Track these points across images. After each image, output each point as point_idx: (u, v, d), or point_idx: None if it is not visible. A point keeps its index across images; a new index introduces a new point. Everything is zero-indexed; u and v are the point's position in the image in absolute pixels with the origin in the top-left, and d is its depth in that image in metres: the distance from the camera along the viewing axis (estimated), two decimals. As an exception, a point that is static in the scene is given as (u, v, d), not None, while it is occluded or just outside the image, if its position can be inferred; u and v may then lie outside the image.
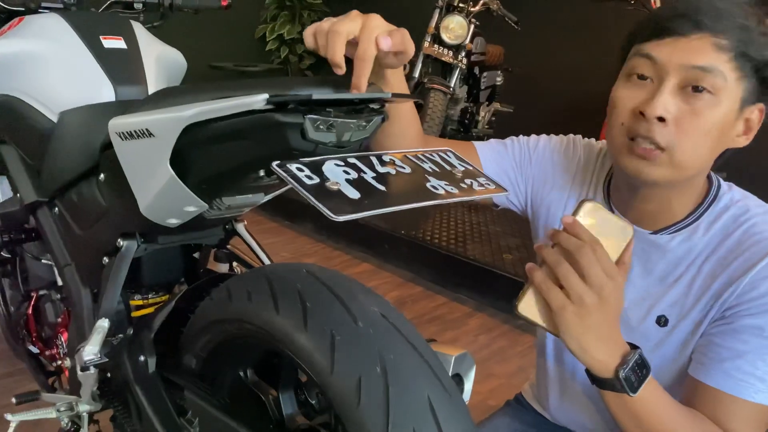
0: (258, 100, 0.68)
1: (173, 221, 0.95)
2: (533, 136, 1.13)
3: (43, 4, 1.33)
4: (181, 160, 0.82)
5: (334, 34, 0.71)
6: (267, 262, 1.19)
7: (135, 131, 0.81)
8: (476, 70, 3.96)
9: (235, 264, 1.20)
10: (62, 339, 1.23)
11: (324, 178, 0.64)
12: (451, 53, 3.52)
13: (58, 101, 1.14)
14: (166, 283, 1.20)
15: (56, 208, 1.17)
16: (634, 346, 0.82)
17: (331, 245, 3.37)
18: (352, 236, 3.31)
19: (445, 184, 0.69)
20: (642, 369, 0.80)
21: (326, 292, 0.73)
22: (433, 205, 0.68)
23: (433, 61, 3.58)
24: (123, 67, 1.18)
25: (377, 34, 0.71)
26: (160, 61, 1.27)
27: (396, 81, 0.89)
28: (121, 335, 1.06)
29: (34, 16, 1.23)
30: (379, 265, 3.12)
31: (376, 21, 0.72)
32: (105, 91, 1.15)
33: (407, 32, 0.74)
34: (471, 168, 0.75)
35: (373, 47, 0.71)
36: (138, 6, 1.48)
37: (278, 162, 0.64)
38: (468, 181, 0.72)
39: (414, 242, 3.02)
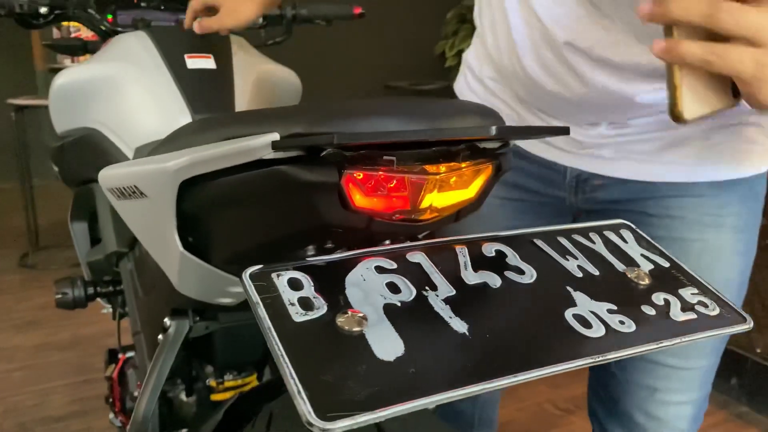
0: (258, 145, 0.39)
1: (225, 301, 0.69)
2: None
3: (154, 23, 1.16)
4: (198, 228, 0.55)
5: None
6: None
7: (124, 189, 0.56)
8: None
9: None
10: None
11: (336, 304, 0.33)
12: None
13: (135, 134, 0.95)
14: (250, 363, 0.95)
15: (130, 263, 0.97)
16: None
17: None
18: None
19: (614, 313, 0.35)
20: None
21: None
22: (581, 366, 0.34)
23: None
24: (206, 91, 0.96)
25: None
26: (261, 82, 1.03)
27: None
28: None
29: (124, 34, 1.06)
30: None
31: None
32: (183, 120, 0.93)
33: None
34: (689, 273, 0.40)
35: None
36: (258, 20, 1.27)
37: (253, 269, 0.35)
38: (672, 300, 0.37)
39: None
